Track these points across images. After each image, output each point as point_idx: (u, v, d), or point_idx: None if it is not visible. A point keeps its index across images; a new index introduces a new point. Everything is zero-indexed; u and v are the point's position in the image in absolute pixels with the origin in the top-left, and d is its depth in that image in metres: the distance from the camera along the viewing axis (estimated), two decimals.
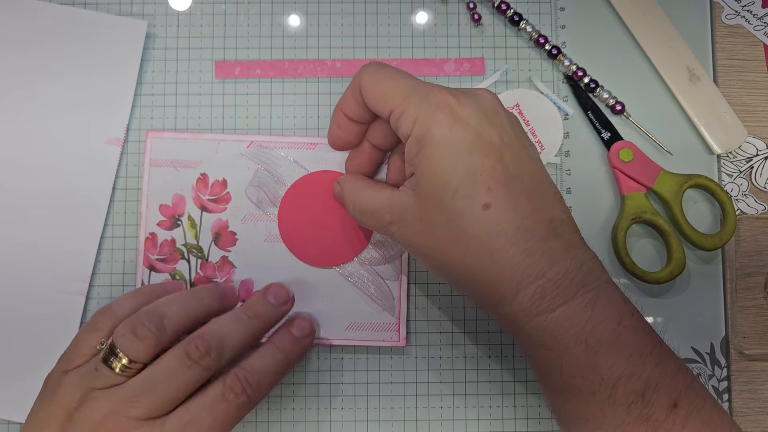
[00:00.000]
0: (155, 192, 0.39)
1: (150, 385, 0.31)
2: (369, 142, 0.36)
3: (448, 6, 0.42)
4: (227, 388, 0.32)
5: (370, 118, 0.35)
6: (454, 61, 0.41)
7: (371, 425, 0.39)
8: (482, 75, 0.41)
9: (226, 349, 0.32)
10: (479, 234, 0.29)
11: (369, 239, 0.39)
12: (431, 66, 0.41)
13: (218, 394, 0.31)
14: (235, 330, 0.33)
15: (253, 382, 0.32)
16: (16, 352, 0.39)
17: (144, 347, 0.31)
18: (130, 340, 0.31)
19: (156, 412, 0.30)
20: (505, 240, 0.29)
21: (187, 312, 0.33)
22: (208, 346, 0.32)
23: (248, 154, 0.39)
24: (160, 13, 0.42)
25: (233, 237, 0.39)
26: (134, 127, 0.41)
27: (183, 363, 0.31)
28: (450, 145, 0.30)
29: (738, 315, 0.40)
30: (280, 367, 0.34)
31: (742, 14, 0.42)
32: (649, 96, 0.41)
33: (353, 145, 0.37)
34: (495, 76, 0.41)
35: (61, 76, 0.40)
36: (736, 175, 0.41)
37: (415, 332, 0.40)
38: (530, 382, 0.40)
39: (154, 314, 0.32)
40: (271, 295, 0.35)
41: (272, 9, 0.42)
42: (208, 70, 0.41)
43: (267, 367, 0.33)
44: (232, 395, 0.31)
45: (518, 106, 0.41)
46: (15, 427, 0.39)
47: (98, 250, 0.40)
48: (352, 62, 0.41)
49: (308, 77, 0.41)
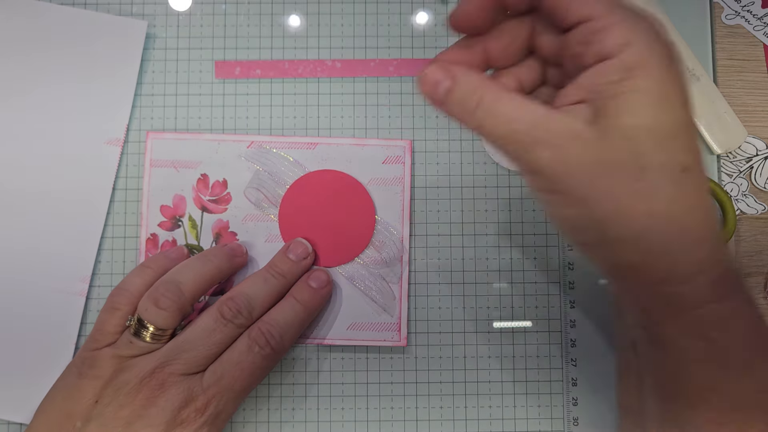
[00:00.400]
0: (156, 193, 0.39)
1: (189, 343, 0.33)
2: (499, 38, 0.28)
3: (448, 6, 0.42)
4: (252, 341, 0.34)
5: (528, 7, 0.27)
6: None
7: (371, 425, 0.39)
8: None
9: (255, 308, 0.35)
10: (674, 197, 0.25)
11: (370, 239, 0.39)
12: None
13: (245, 348, 0.34)
14: (262, 289, 0.36)
15: (276, 334, 0.35)
16: (17, 352, 0.39)
17: (168, 315, 0.34)
18: (154, 312, 0.33)
19: (195, 368, 0.33)
20: (701, 212, 0.26)
21: (201, 276, 0.35)
22: (239, 306, 0.35)
23: (248, 155, 0.39)
24: (160, 13, 0.42)
25: (234, 237, 0.39)
26: (134, 127, 0.41)
27: (218, 322, 0.34)
28: (666, 89, 0.24)
29: None
30: (301, 318, 0.36)
31: (742, 14, 0.42)
32: None
33: (478, 30, 0.28)
34: None
35: (61, 76, 0.40)
36: (735, 175, 0.41)
37: (415, 332, 0.40)
38: (530, 382, 0.40)
39: (171, 284, 0.34)
40: (292, 252, 0.38)
41: (272, 9, 0.42)
42: (208, 71, 0.41)
43: (289, 319, 0.36)
44: (257, 348, 0.34)
45: None
46: (15, 427, 0.39)
47: (98, 250, 0.40)
48: (352, 62, 0.41)
49: (308, 77, 0.41)
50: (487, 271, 0.40)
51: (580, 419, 0.39)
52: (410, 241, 0.40)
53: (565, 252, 0.40)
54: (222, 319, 0.34)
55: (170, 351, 0.33)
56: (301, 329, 0.37)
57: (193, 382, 0.33)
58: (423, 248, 0.40)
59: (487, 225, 0.40)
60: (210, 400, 0.33)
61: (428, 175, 0.41)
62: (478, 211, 0.40)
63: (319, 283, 0.38)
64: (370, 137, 0.41)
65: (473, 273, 0.40)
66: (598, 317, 0.40)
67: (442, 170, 0.41)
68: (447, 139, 0.41)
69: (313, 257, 0.39)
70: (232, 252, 0.38)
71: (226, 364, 0.34)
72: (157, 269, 0.36)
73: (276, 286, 0.36)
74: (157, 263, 0.37)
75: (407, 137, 0.41)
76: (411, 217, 0.40)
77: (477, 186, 0.41)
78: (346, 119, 0.41)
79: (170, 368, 0.33)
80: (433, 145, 0.41)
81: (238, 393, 0.34)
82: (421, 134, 0.41)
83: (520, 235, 0.40)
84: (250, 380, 0.34)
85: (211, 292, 0.39)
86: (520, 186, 0.41)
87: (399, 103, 0.41)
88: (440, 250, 0.40)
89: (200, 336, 0.34)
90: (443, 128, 0.41)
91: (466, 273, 0.40)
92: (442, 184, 0.41)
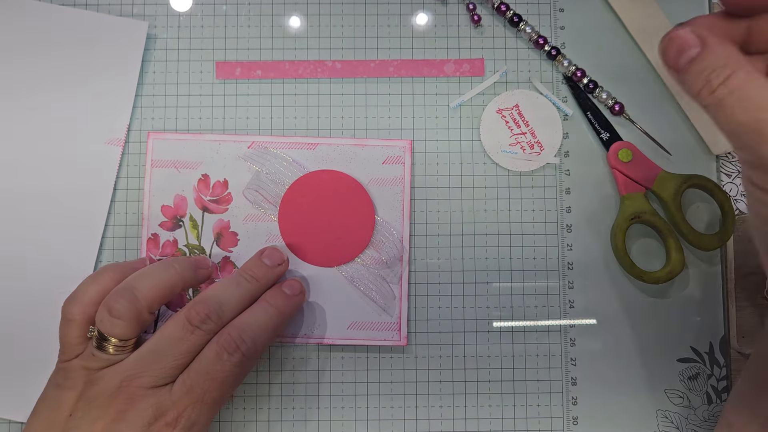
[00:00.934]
0: (157, 193, 0.40)
1: (156, 353, 0.32)
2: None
3: (448, 7, 0.42)
4: (221, 348, 0.32)
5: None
6: (453, 62, 0.41)
7: (371, 425, 0.39)
8: (482, 76, 0.41)
9: (225, 312, 0.33)
10: None
11: (369, 239, 0.39)
12: (431, 67, 0.41)
13: (213, 355, 0.32)
14: (234, 293, 0.34)
15: (247, 339, 0.33)
16: (17, 352, 0.39)
17: (124, 325, 0.32)
18: (109, 321, 0.32)
19: (163, 380, 0.32)
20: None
21: (159, 282, 0.33)
22: (209, 309, 0.33)
23: (249, 155, 0.40)
24: (161, 14, 0.42)
25: (235, 237, 0.39)
26: (135, 127, 0.41)
27: (186, 329, 0.32)
28: None
29: (737, 315, 0.40)
30: (274, 322, 0.34)
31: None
32: (648, 97, 0.41)
33: (752, 11, 0.25)
34: (494, 77, 0.41)
35: (62, 76, 0.40)
36: (734, 175, 0.41)
37: (415, 332, 0.40)
38: (530, 381, 0.40)
39: (125, 290, 0.32)
40: (266, 257, 0.36)
41: (272, 10, 0.42)
42: (209, 71, 0.41)
43: (261, 322, 0.34)
44: (226, 354, 0.32)
45: (518, 107, 0.41)
46: (15, 427, 0.39)
47: (99, 250, 0.40)
48: (352, 63, 0.41)
49: (308, 78, 0.41)
50: (487, 271, 0.40)
51: (580, 419, 0.39)
52: (410, 241, 0.40)
53: (565, 252, 0.40)
54: (189, 325, 0.32)
55: (137, 362, 0.32)
56: (274, 335, 0.35)
57: (161, 395, 0.31)
58: (423, 248, 0.40)
59: (487, 225, 0.40)
60: (181, 414, 0.31)
61: (428, 175, 0.41)
62: (478, 211, 0.41)
63: (292, 290, 0.36)
64: (370, 137, 0.41)
65: (473, 273, 0.40)
66: (598, 317, 0.40)
67: (442, 170, 0.41)
68: (447, 139, 0.41)
69: (287, 265, 0.37)
70: (198, 263, 0.36)
71: (195, 374, 0.32)
72: (114, 275, 0.34)
73: (249, 290, 0.35)
74: (113, 269, 0.35)
75: (407, 137, 0.41)
76: (411, 217, 0.40)
77: (477, 186, 0.41)
78: (346, 119, 0.41)
79: (138, 381, 0.31)
80: (433, 145, 0.41)
81: (210, 405, 0.32)
82: (421, 134, 0.41)
83: (520, 235, 0.40)
84: (221, 391, 0.32)
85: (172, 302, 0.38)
86: (520, 186, 0.41)
87: (399, 103, 0.41)
88: (440, 250, 0.40)
89: (167, 345, 0.32)
90: (443, 128, 0.41)
91: (466, 273, 0.40)
92: (442, 184, 0.41)
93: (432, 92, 0.41)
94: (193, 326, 0.32)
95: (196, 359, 0.32)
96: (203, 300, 0.33)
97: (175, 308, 0.39)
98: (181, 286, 0.35)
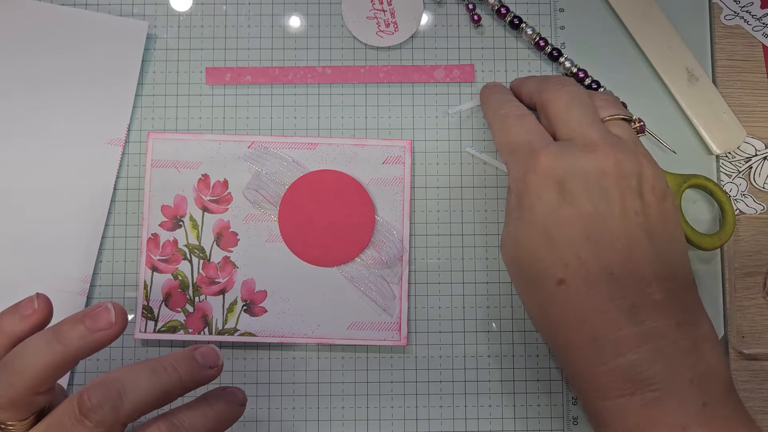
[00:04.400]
0: (157, 193, 0.40)
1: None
2: None
3: (448, 7, 0.42)
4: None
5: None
6: (443, 68, 0.41)
7: (371, 425, 0.39)
8: (471, 82, 0.41)
9: (126, 403, 0.26)
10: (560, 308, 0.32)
11: (370, 239, 0.39)
12: (421, 73, 0.41)
13: None
14: (142, 380, 0.27)
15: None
16: None
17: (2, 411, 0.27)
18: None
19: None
20: (577, 323, 0.31)
21: (50, 357, 0.27)
22: (105, 395, 0.26)
23: (249, 155, 0.40)
24: (161, 14, 0.42)
25: (235, 237, 0.39)
26: (135, 127, 0.41)
27: (72, 417, 0.26)
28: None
29: (737, 314, 0.40)
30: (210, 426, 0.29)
31: (741, 15, 0.42)
32: (649, 97, 0.41)
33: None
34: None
35: (62, 76, 0.40)
36: (734, 175, 0.41)
37: (415, 332, 0.40)
38: (530, 381, 0.40)
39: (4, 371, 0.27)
40: (200, 354, 0.30)
41: (273, 10, 0.42)
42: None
43: (198, 425, 0.29)
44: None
45: None
46: None
47: (99, 250, 0.40)
48: (341, 69, 0.41)
49: (297, 83, 0.41)
50: (487, 271, 0.40)
51: (580, 419, 0.39)
52: (410, 241, 0.40)
53: None
54: (77, 412, 0.26)
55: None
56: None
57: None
58: (423, 248, 0.40)
59: (487, 225, 0.40)
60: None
61: (428, 175, 0.41)
62: (478, 211, 0.41)
63: (235, 399, 0.31)
64: (370, 137, 0.41)
65: (473, 273, 0.40)
66: None
67: (442, 170, 0.41)
68: (447, 139, 0.41)
69: (219, 371, 0.30)
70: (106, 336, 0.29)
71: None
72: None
73: (163, 384, 0.28)
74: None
75: (407, 137, 0.41)
76: (411, 217, 0.40)
77: (477, 186, 0.41)
78: (346, 119, 0.41)
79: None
80: (433, 145, 0.41)
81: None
82: (421, 134, 0.41)
83: None
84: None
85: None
86: None
87: (399, 103, 0.41)
88: (440, 250, 0.40)
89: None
90: (443, 128, 0.41)
91: (466, 273, 0.40)
92: (442, 184, 0.41)
93: (432, 92, 0.41)
94: (81, 414, 0.26)
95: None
96: (103, 382, 0.27)
97: (176, 308, 0.39)
98: (72, 358, 0.28)
